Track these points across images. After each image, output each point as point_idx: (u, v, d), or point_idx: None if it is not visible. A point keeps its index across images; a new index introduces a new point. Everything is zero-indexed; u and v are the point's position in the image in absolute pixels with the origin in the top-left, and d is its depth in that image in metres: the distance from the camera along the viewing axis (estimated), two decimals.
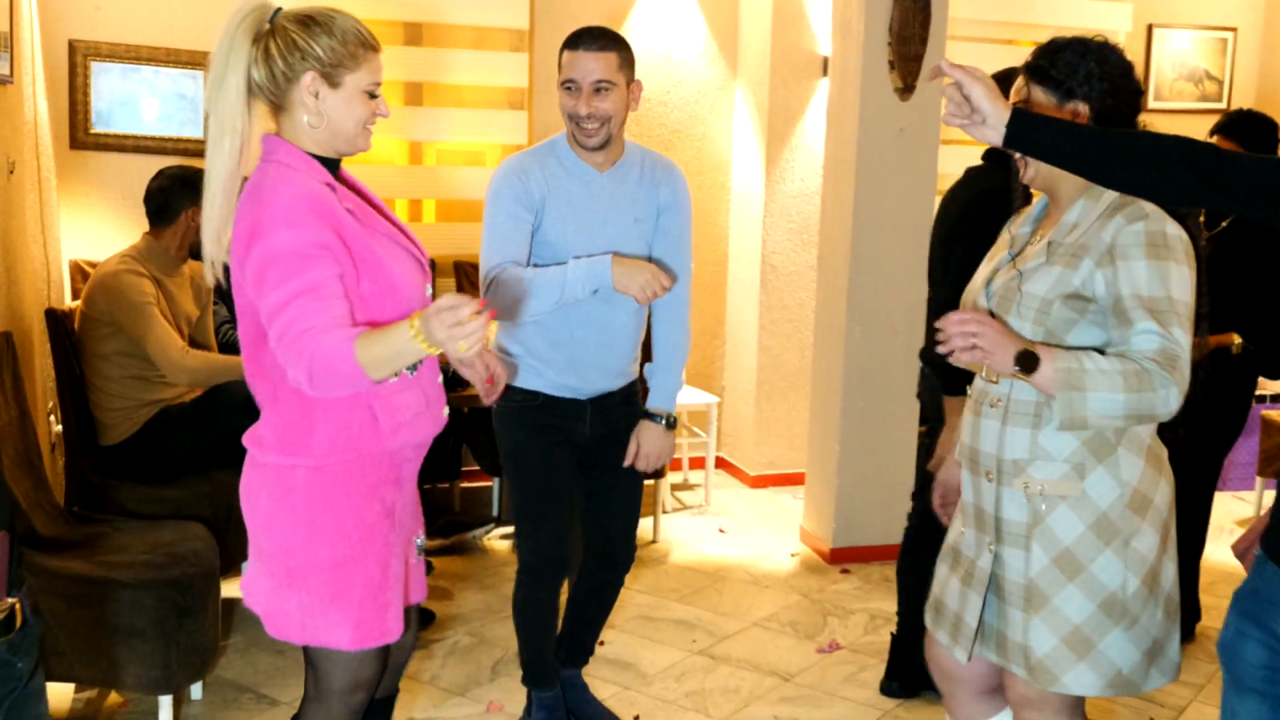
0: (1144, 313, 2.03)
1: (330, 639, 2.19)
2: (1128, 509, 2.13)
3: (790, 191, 5.64)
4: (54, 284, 4.40)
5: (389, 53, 5.35)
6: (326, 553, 2.16)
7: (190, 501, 3.70)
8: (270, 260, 2.00)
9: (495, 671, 3.70)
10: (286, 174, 2.08)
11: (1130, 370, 1.99)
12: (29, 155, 4.05)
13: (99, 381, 3.73)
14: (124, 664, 3.02)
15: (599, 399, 3.04)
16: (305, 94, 2.08)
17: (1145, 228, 2.07)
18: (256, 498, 2.20)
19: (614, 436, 3.09)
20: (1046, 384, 2.02)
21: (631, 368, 3.12)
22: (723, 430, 6.05)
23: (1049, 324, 2.12)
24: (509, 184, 2.89)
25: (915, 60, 4.46)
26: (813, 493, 4.93)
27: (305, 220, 2.02)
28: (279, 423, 2.17)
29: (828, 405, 4.78)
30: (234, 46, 2.05)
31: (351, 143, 2.16)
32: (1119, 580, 2.12)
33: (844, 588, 4.51)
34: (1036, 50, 2.24)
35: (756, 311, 5.71)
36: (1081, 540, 2.13)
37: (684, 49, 5.71)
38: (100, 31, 4.77)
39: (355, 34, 2.10)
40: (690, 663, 3.81)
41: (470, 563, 4.66)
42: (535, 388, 3.00)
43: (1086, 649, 2.12)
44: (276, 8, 2.11)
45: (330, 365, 1.94)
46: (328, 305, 1.99)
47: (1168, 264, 2.05)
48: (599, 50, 2.80)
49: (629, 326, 3.04)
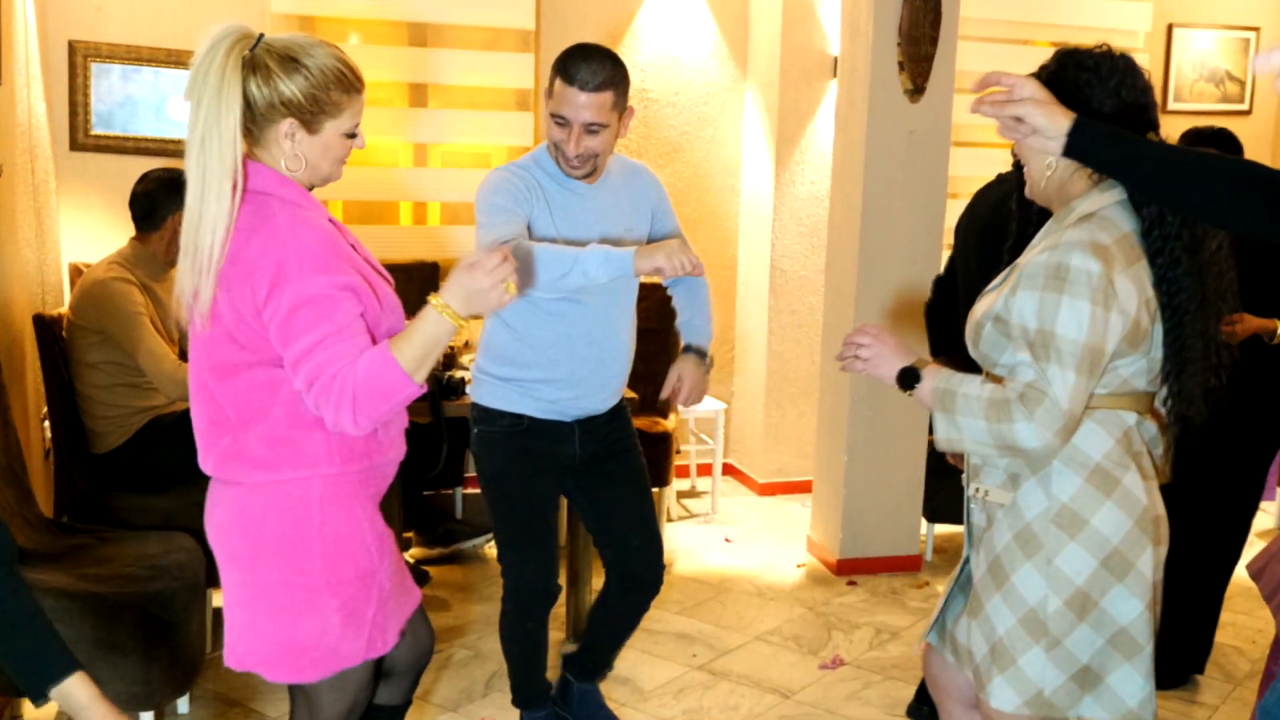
0: (1023, 344, 2.01)
1: (343, 660, 2.14)
2: (1053, 524, 2.06)
3: (800, 195, 5.54)
4: (50, 287, 4.35)
5: (394, 54, 5.33)
6: (349, 568, 2.12)
7: (181, 511, 3.62)
8: (299, 304, 1.96)
9: (489, 686, 3.62)
10: (297, 213, 2.02)
11: (996, 399, 2.00)
12: (21, 157, 4.00)
13: (88, 390, 3.66)
14: (104, 680, 2.89)
15: (586, 420, 2.96)
16: (282, 137, 2.03)
17: (1049, 259, 1.99)
18: (260, 527, 2.09)
19: (607, 451, 3.02)
20: (925, 402, 2.10)
21: (623, 385, 3.04)
22: (732, 437, 5.95)
23: (982, 346, 2.14)
24: (503, 185, 2.78)
25: (925, 61, 4.36)
26: (820, 502, 4.84)
27: (331, 265, 2.00)
28: (282, 436, 2.06)
29: (835, 413, 4.68)
30: (226, 82, 1.94)
31: (325, 179, 2.14)
32: (1038, 596, 2.06)
33: (850, 600, 4.41)
34: (1041, 68, 2.15)
35: (766, 316, 5.61)
36: (1007, 550, 2.11)
37: (693, 50, 5.61)
38: (101, 32, 4.72)
39: (337, 77, 2.02)
40: (689, 678, 3.72)
41: (469, 572, 4.58)
42: (521, 410, 2.91)
43: (1007, 662, 2.10)
44: (259, 35, 2.02)
45: (376, 384, 1.93)
46: (356, 342, 1.98)
47: (1060, 297, 1.96)
48: (594, 91, 2.68)
49: (626, 343, 2.98)
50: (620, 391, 3.03)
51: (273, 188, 2.04)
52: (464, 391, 3.83)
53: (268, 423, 2.06)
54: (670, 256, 2.49)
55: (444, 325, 1.95)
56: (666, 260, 2.49)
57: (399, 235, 5.43)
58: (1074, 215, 2.05)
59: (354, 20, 5.27)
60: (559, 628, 3.96)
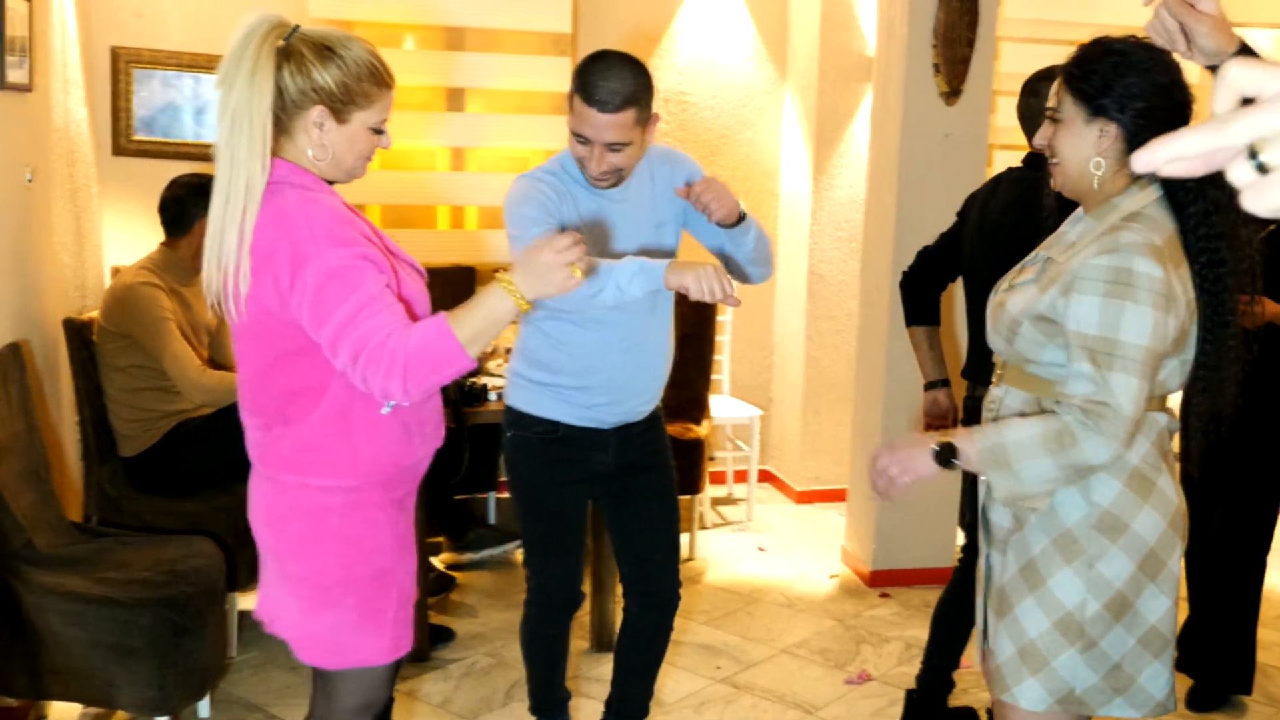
0: (1083, 353, 1.95)
1: (364, 657, 2.18)
2: (1094, 529, 2.04)
3: (838, 199, 5.47)
4: (90, 291, 4.40)
5: (430, 58, 5.33)
6: (363, 568, 2.15)
7: (207, 515, 3.65)
8: (326, 279, 1.95)
9: (509, 696, 3.59)
10: (308, 196, 2.03)
11: (1050, 431, 1.95)
12: (57, 163, 4.04)
13: (116, 393, 3.69)
14: (119, 684, 2.96)
15: (623, 428, 2.88)
16: (310, 125, 2.03)
17: (1109, 262, 1.94)
18: (284, 523, 2.15)
19: (641, 464, 2.93)
20: (976, 468, 2.02)
21: (660, 391, 2.96)
22: (769, 444, 5.89)
23: (1018, 344, 2.09)
24: (531, 195, 2.70)
25: (962, 63, 4.27)
26: (854, 512, 4.76)
27: (347, 237, 2.00)
28: (314, 444, 2.10)
29: (869, 421, 4.61)
30: (259, 67, 1.95)
31: (349, 173, 2.13)
32: (1076, 600, 2.05)
33: (881, 613, 4.33)
34: (1074, 54, 2.10)
35: (803, 322, 5.54)
36: (1044, 554, 2.08)
37: (731, 52, 5.56)
38: (142, 39, 4.78)
39: (370, 69, 2.03)
40: (712, 691, 3.67)
41: (499, 578, 4.56)
42: (556, 418, 2.84)
43: (1039, 665, 2.08)
44: (294, 26, 2.02)
45: (429, 354, 1.90)
46: (393, 311, 1.96)
47: (1124, 303, 1.92)
48: (614, 112, 2.55)
49: (664, 349, 2.91)
50: (658, 397, 2.95)
51: (284, 175, 2.03)
52: (487, 398, 3.81)
53: (302, 427, 2.10)
54: (700, 280, 2.37)
55: (507, 303, 1.92)
56: (695, 283, 2.38)
57: (436, 239, 5.43)
58: (1118, 213, 2.02)
59: (391, 24, 5.28)
60: (582, 636, 3.93)
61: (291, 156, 2.06)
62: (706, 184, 2.59)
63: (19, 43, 3.43)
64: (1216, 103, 0.78)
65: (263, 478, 2.17)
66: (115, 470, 3.76)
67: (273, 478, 2.15)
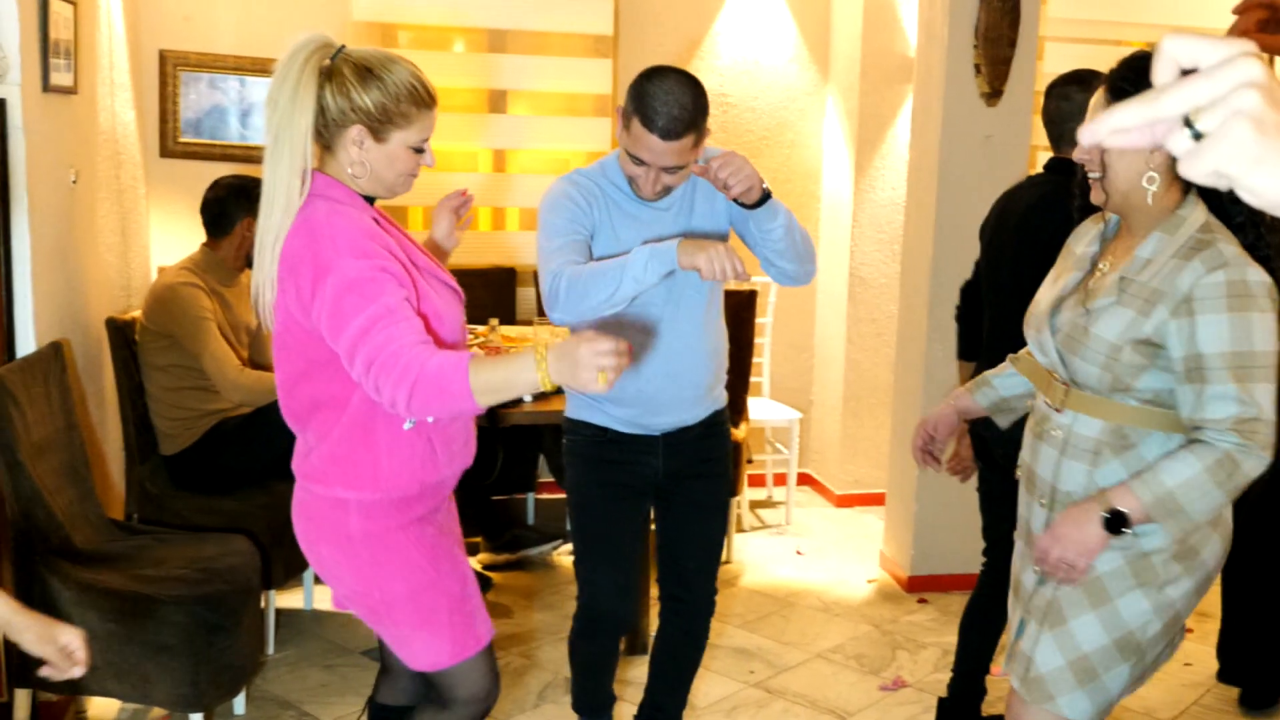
0: (1225, 374, 1.92)
1: (431, 661, 2.24)
2: (1172, 559, 2.06)
3: (880, 201, 5.43)
4: (136, 290, 4.46)
5: (472, 60, 5.35)
6: (401, 585, 2.19)
7: (245, 514, 3.69)
8: (345, 289, 1.99)
9: (542, 697, 3.60)
10: (336, 208, 2.08)
11: (1214, 465, 1.93)
12: (103, 165, 4.10)
13: (157, 392, 3.74)
14: (154, 680, 3.00)
15: (672, 434, 2.80)
16: (350, 143, 2.08)
17: (1226, 277, 1.93)
18: (316, 548, 2.23)
19: (691, 470, 2.85)
20: (1146, 521, 1.99)
21: (711, 394, 2.84)
22: (810, 447, 5.86)
23: (1116, 370, 2.03)
24: (563, 203, 2.67)
25: (1003, 64, 4.22)
26: (892, 516, 4.72)
27: (368, 249, 2.03)
28: (340, 456, 2.15)
29: (908, 424, 4.56)
30: (301, 85, 2.01)
31: (390, 189, 2.17)
32: (1141, 621, 2.07)
33: (919, 619, 4.29)
34: (1120, 66, 2.07)
35: (844, 325, 5.50)
36: (1115, 574, 2.07)
37: (773, 53, 5.53)
38: (189, 42, 4.84)
39: (409, 91, 2.06)
40: (744, 695, 3.65)
41: (536, 579, 4.57)
42: (604, 424, 2.80)
43: (1089, 679, 2.08)
44: (340, 46, 2.08)
45: (439, 383, 1.90)
46: (411, 324, 1.99)
47: (1250, 315, 1.92)
48: (676, 140, 2.48)
49: (704, 353, 2.78)
50: (709, 398, 2.83)
51: (320, 188, 2.09)
52: (522, 400, 3.82)
53: (329, 438, 2.15)
54: (711, 260, 2.31)
55: (531, 375, 1.87)
56: (707, 263, 2.32)
57: (477, 240, 5.45)
58: (1189, 226, 2.00)
59: (433, 27, 5.31)
60: None
61: (333, 171, 2.12)
62: (724, 159, 2.46)
63: (64, 46, 3.49)
64: (1156, 75, 0.82)
65: (299, 486, 2.24)
66: (156, 468, 3.81)
67: (305, 487, 2.21)
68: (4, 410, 2.91)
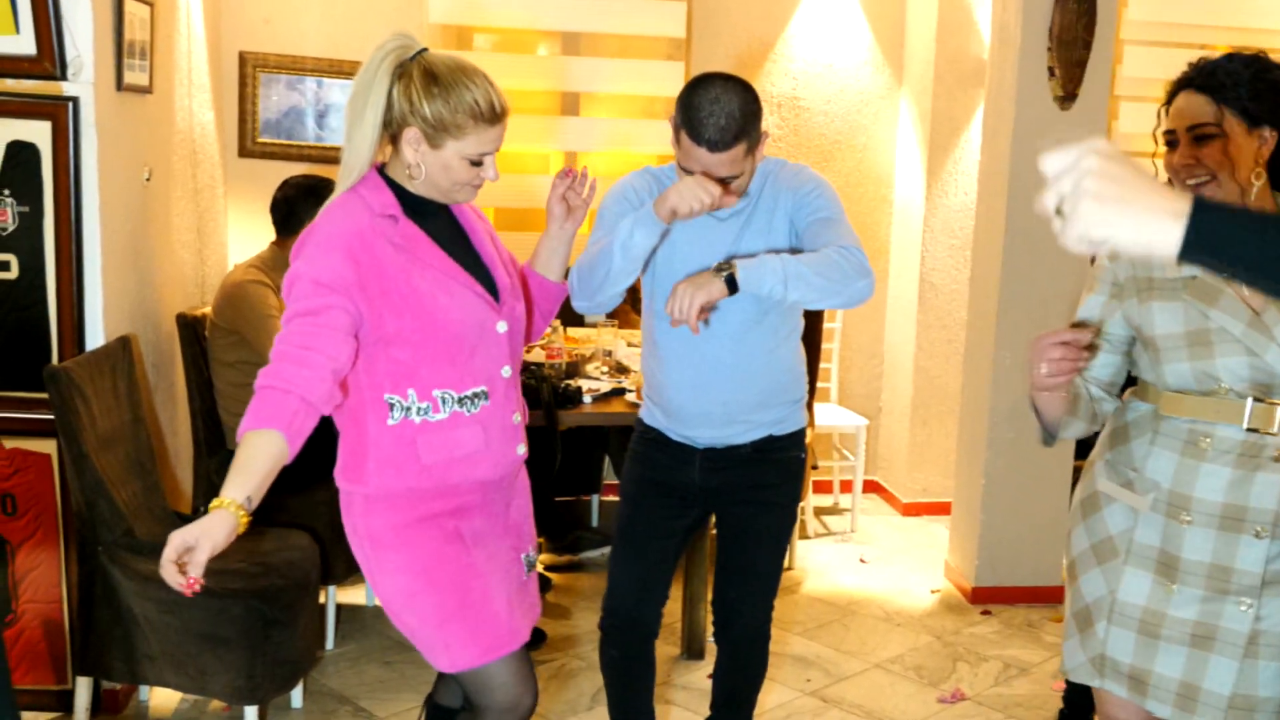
0: None
1: (459, 663, 2.23)
2: None
3: (952, 205, 5.34)
4: (212, 288, 4.54)
5: (545, 63, 5.38)
6: (396, 583, 2.21)
7: (307, 509, 3.73)
8: (294, 280, 2.08)
9: (595, 700, 3.60)
10: (346, 205, 2.13)
11: None
12: (179, 164, 4.19)
13: (224, 387, 3.81)
14: (211, 672, 3.06)
15: (712, 451, 2.68)
16: (407, 144, 2.12)
17: None
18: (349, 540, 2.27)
19: (738, 495, 2.72)
20: None
21: (758, 417, 2.66)
22: (878, 454, 5.79)
23: None
24: (622, 197, 2.63)
25: (1078, 66, 4.13)
26: (958, 526, 4.65)
27: (332, 254, 2.06)
28: (344, 450, 2.22)
29: (975, 434, 4.49)
30: (376, 82, 2.08)
31: (447, 196, 2.19)
32: None
33: (981, 631, 4.21)
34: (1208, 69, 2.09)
35: (914, 331, 5.43)
36: None
37: (847, 56, 5.48)
38: (269, 44, 4.93)
39: (470, 105, 2.08)
40: (800, 704, 3.61)
41: (596, 581, 4.57)
42: (655, 425, 2.76)
43: None
44: (420, 49, 2.12)
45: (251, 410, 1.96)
46: (319, 333, 2.01)
47: None
48: (724, 150, 2.37)
49: (731, 367, 2.59)
50: (754, 421, 2.66)
51: (363, 181, 2.15)
52: (581, 401, 3.82)
53: (341, 434, 2.21)
54: (682, 196, 2.21)
55: (223, 514, 1.89)
56: (678, 199, 2.21)
57: None
58: None
59: (508, 30, 5.35)
60: (673, 642, 3.91)
61: (395, 168, 2.17)
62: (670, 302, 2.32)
63: (139, 46, 3.56)
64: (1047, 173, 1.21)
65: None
66: (223, 463, 3.87)
67: (339, 481, 2.24)
68: (70, 402, 2.98)
